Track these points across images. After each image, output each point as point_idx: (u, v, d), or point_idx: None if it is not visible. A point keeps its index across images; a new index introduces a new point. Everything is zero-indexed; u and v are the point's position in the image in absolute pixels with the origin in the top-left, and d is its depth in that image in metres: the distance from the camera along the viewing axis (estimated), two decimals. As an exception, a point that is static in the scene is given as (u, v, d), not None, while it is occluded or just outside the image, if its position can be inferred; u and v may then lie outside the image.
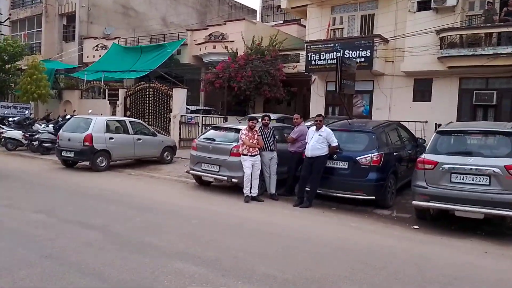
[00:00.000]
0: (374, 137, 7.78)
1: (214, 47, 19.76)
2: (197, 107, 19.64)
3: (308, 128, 8.62)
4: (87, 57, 24.69)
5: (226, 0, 36.48)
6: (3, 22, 22.79)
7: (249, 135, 8.15)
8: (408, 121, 12.89)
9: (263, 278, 4.17)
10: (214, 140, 8.90)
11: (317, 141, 7.65)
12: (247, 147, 8.10)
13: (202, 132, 14.33)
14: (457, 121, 14.53)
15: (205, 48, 20.10)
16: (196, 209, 7.23)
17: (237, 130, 8.76)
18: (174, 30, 26.10)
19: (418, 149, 9.68)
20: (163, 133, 15.77)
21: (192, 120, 16.48)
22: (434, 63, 14.47)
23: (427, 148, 6.73)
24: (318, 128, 7.79)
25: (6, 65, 19.39)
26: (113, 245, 5.03)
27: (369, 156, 7.45)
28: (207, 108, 19.99)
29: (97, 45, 24.34)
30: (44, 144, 13.98)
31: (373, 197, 7.44)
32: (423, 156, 6.62)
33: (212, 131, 9.45)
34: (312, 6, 18.01)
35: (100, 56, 23.41)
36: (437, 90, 15.24)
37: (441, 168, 6.29)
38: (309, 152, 7.71)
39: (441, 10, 14.49)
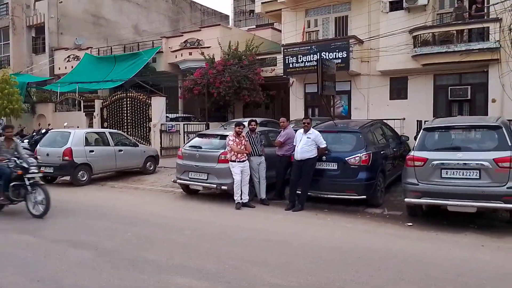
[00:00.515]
0: (361, 137, 7.82)
1: (190, 53, 19.57)
2: (176, 115, 19.36)
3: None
4: (59, 68, 24.01)
5: (198, 6, 36.29)
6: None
7: (237, 141, 8.05)
8: (386, 119, 13.05)
9: None
10: (200, 147, 8.75)
11: (305, 143, 7.63)
12: (235, 153, 8.00)
13: (184, 140, 14.15)
14: (433, 117, 14.89)
15: (181, 55, 19.87)
16: (187, 220, 7.07)
17: (223, 137, 8.65)
18: (147, 38, 25.71)
19: (402, 146, 9.85)
20: (144, 142, 15.45)
21: (173, 128, 16.22)
22: (409, 61, 14.74)
23: (415, 145, 6.79)
24: (306, 131, 7.77)
25: (-26, 80, 18.60)
26: (107, 264, 4.82)
27: (358, 156, 7.48)
28: (186, 115, 19.74)
29: (68, 56, 23.72)
30: (19, 161, 13.40)
31: (364, 197, 7.47)
32: (412, 153, 6.69)
33: (197, 138, 9.30)
34: (287, 9, 18.08)
35: (72, 67, 22.79)
36: (413, 87, 15.52)
37: (431, 165, 6.37)
38: (298, 155, 7.67)
39: (413, 9, 14.79)
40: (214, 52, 18.65)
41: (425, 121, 12.17)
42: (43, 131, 14.95)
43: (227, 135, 8.42)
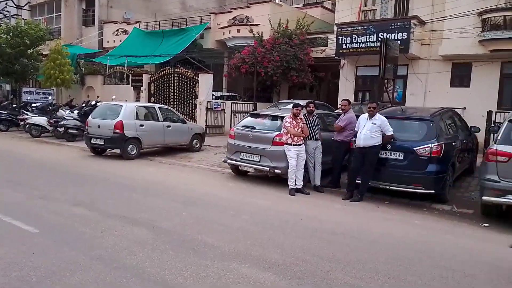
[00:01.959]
0: (433, 126, 7.14)
1: (238, 30, 19.08)
2: (221, 93, 19.08)
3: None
4: (107, 42, 24.27)
5: (246, -17, 35.46)
6: (23, 7, 22.40)
7: (294, 123, 7.60)
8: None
9: None
10: (254, 128, 8.36)
11: (370, 129, 7.06)
12: (292, 136, 7.57)
13: (231, 119, 13.84)
14: (497, 108, 13.77)
15: (229, 32, 19.43)
16: (241, 203, 6.75)
17: (279, 118, 8.22)
18: (194, 14, 25.44)
19: (471, 138, 9.06)
20: (189, 119, 15.30)
21: (219, 106, 15.95)
22: (475, 46, 13.62)
23: (498, 139, 6.07)
24: (371, 116, 7.18)
25: (28, 50, 19.01)
26: (166, 245, 4.58)
27: (428, 147, 6.83)
28: (230, 94, 19.42)
29: (117, 30, 23.86)
30: (70, 131, 13.65)
31: (433, 191, 6.85)
32: (494, 147, 5.99)
33: (250, 118, 8.90)
34: (343, -14, 17.15)
35: (120, 41, 22.94)
36: (477, 75, 14.39)
37: (517, 161, 5.68)
38: (361, 141, 7.11)
39: (484, -11, 13.55)
40: (263, 30, 18.08)
41: (489, 112, 11.29)
42: (93, 103, 15.08)
43: (283, 116, 7.99)
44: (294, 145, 7.57)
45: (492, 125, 9.18)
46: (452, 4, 13.86)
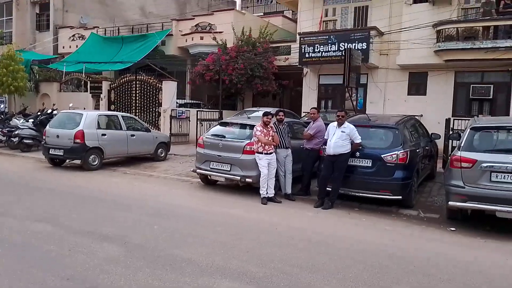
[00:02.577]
0: (398, 133, 7.36)
1: (201, 38, 18.94)
2: (184, 101, 18.80)
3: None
4: (63, 47, 23.29)
5: (206, -10, 35.37)
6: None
7: (264, 132, 7.58)
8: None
9: (329, 298, 3.66)
10: (223, 136, 8.26)
11: (339, 138, 7.17)
12: (263, 145, 7.54)
13: (196, 127, 13.64)
14: (452, 115, 14.49)
15: (192, 39, 19.24)
16: (213, 214, 6.62)
17: (249, 126, 8.19)
18: (154, 20, 25.00)
19: (431, 145, 9.43)
20: (153, 128, 14.93)
21: (183, 114, 15.70)
22: (430, 56, 14.28)
23: (461, 145, 6.33)
24: (340, 124, 7.30)
25: (-23, 56, 17.90)
26: (140, 261, 4.38)
27: (395, 154, 7.03)
28: (194, 102, 19.18)
29: (73, 35, 22.98)
30: (25, 141, 12.92)
31: (400, 197, 7.05)
32: (458, 153, 6.25)
33: (219, 127, 8.80)
34: (305, -3, 17.48)
35: (77, 46, 22.08)
36: (433, 83, 15.09)
37: (479, 167, 5.95)
38: (331, 149, 7.21)
39: (438, 2, 14.31)
40: (226, 38, 18.05)
41: (447, 119, 11.81)
42: (49, 111, 14.38)
43: (253, 125, 7.96)
44: (265, 153, 7.54)
45: (451, 132, 9.59)
46: (409, 17, 14.50)
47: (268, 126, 7.65)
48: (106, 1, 26.08)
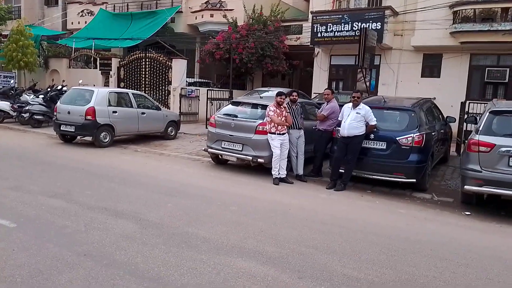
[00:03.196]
0: (414, 116, 7.23)
1: (211, 15, 18.64)
2: (193, 80, 18.65)
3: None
4: (72, 23, 23.14)
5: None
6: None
7: (277, 112, 7.48)
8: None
9: (346, 280, 3.64)
10: (236, 116, 8.17)
11: (354, 119, 7.06)
12: (275, 125, 7.46)
13: (207, 106, 13.55)
14: (466, 99, 14.24)
15: (202, 17, 18.95)
16: (226, 193, 6.60)
17: (261, 106, 8.09)
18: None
19: (446, 128, 9.29)
20: (162, 106, 14.86)
21: (193, 93, 15.58)
22: (446, 38, 13.97)
23: (479, 129, 6.20)
24: (355, 105, 7.18)
25: (-13, 30, 17.82)
26: (156, 238, 4.38)
27: (410, 136, 6.92)
28: (203, 80, 19.02)
29: (82, 11, 22.77)
30: (35, 117, 12.93)
31: (414, 180, 6.97)
32: (476, 137, 6.12)
33: (231, 106, 8.71)
34: (318, -26, 17.02)
35: (86, 22, 21.92)
36: (447, 66, 14.80)
37: (498, 151, 5.85)
38: (345, 131, 7.11)
39: (456, -18, 13.85)
40: (237, 16, 17.74)
41: (463, 103, 11.59)
42: (59, 87, 14.34)
43: (265, 105, 7.87)
44: (277, 134, 7.47)
45: (467, 115, 9.41)
46: (426, -5, 14.09)
47: (281, 106, 7.55)
48: (115, -24, 25.66)
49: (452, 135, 10.29)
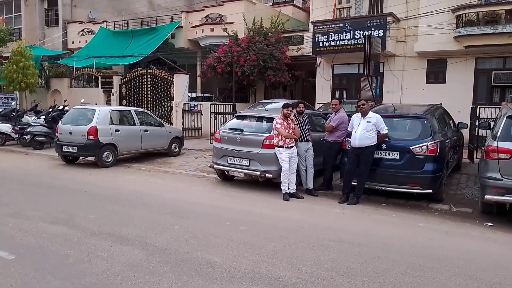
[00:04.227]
0: (427, 123, 6.96)
1: (212, 29, 18.54)
2: (195, 94, 18.49)
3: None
4: (72, 42, 23.13)
5: (214, -19, 34.82)
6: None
7: (285, 125, 7.24)
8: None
9: (372, 307, 3.34)
10: (241, 130, 7.94)
11: (365, 129, 6.79)
12: (283, 138, 7.20)
13: (210, 121, 13.34)
14: (472, 103, 13.97)
15: (202, 31, 18.86)
16: (235, 211, 6.32)
17: (268, 119, 7.85)
18: (162, 13, 24.64)
19: (458, 135, 9.00)
20: (165, 122, 14.67)
21: (195, 108, 15.40)
22: (450, 42, 13.80)
23: (497, 135, 5.93)
24: (364, 114, 6.92)
25: (-13, 52, 17.79)
26: (164, 267, 4.10)
27: (424, 145, 6.64)
28: (206, 95, 18.86)
29: (82, 30, 22.78)
30: (37, 138, 12.75)
31: (431, 191, 6.67)
32: (495, 144, 5.84)
33: (236, 120, 8.48)
34: (317, -16, 16.96)
35: (86, 41, 21.91)
36: (452, 71, 14.59)
37: (520, 158, 5.56)
38: (357, 141, 6.84)
39: (457, -15, 13.71)
40: (237, 29, 17.64)
41: (473, 108, 11.29)
42: (60, 107, 14.20)
43: (271, 118, 7.64)
44: (286, 147, 7.21)
45: (480, 121, 9.12)
46: (427, 1, 13.97)
47: (288, 118, 7.31)
48: (114, -6, 25.79)
49: (463, 141, 9.99)
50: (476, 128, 9.71)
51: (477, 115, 10.17)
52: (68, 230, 5.20)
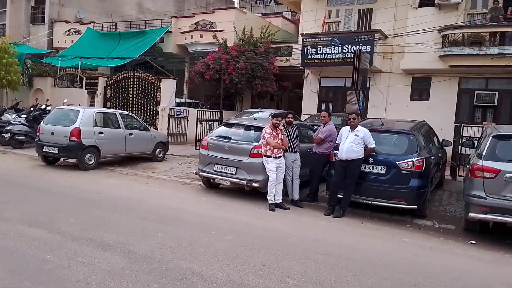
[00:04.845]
0: (413, 139, 7.04)
1: (201, 36, 18.53)
2: (182, 100, 18.35)
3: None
4: (58, 42, 22.75)
5: (204, -11, 34.92)
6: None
7: (273, 134, 7.21)
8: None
9: (360, 322, 3.30)
10: (229, 138, 7.87)
11: (353, 142, 6.81)
12: (271, 148, 7.17)
13: (196, 127, 13.22)
14: (455, 121, 14.27)
15: (192, 37, 18.81)
16: (220, 220, 6.22)
17: (256, 128, 7.82)
18: (151, 17, 24.51)
19: (442, 152, 9.13)
20: (150, 127, 14.47)
21: (182, 113, 15.26)
22: (435, 61, 14.12)
23: (483, 154, 6.02)
24: (353, 128, 6.96)
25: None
26: (147, 276, 3.97)
27: (410, 161, 6.70)
28: (192, 101, 18.74)
29: (69, 30, 22.44)
30: (17, 137, 12.40)
31: (415, 206, 6.72)
32: (480, 162, 5.93)
33: (224, 128, 8.41)
34: (308, -3, 17.17)
35: (72, 41, 21.58)
36: (436, 89, 14.91)
37: (504, 177, 5.65)
38: (344, 154, 6.85)
39: (444, 6, 14.12)
40: (227, 37, 17.67)
41: (457, 126, 11.50)
42: (43, 106, 13.88)
43: (260, 127, 7.62)
44: (274, 157, 7.17)
45: (464, 139, 9.28)
46: (414, 21, 14.30)
47: (277, 128, 7.29)
48: (103, -5, 25.53)
49: (446, 158, 10.15)
50: (460, 146, 9.87)
51: (461, 133, 10.35)
52: (48, 234, 5.02)
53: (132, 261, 4.31)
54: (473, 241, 5.87)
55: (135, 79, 15.76)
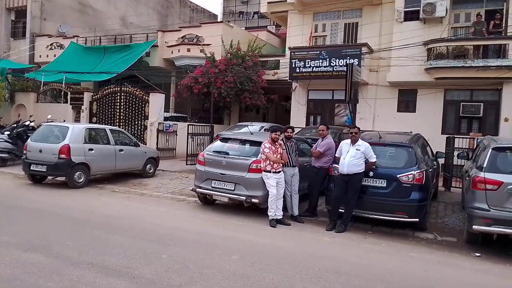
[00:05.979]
0: (412, 152, 7.06)
1: (188, 50, 18.44)
2: (169, 114, 18.12)
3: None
4: (40, 56, 22.29)
5: (188, 3, 35.06)
6: None
7: (273, 149, 7.12)
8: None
9: None
10: (227, 153, 7.74)
11: (354, 156, 6.78)
12: (271, 163, 7.07)
13: (187, 142, 13.02)
14: (441, 133, 14.51)
15: (178, 51, 18.70)
16: (222, 238, 6.05)
17: (252, 142, 7.72)
18: (134, 31, 24.35)
19: (436, 164, 9.21)
20: (139, 142, 14.19)
21: (170, 128, 15.05)
22: (421, 74, 14.36)
23: (484, 166, 6.06)
24: (354, 142, 6.93)
25: None
26: (158, 301, 3.79)
27: (411, 174, 6.70)
28: (179, 115, 18.54)
29: (51, 44, 22.02)
30: (0, 155, 11.94)
31: (417, 220, 6.70)
32: (481, 174, 5.97)
33: (220, 143, 8.27)
34: (294, 12, 17.37)
35: (55, 56, 21.18)
36: (422, 101, 15.15)
37: (506, 189, 5.69)
38: (345, 168, 6.81)
39: (429, 20, 14.41)
40: (214, 50, 17.65)
41: (449, 137, 11.63)
42: (26, 123, 13.47)
43: (257, 141, 7.53)
44: (273, 172, 7.07)
45: (459, 151, 9.37)
46: (400, 35, 14.57)
47: (276, 143, 7.21)
48: (86, 9, 25.26)
49: (439, 169, 10.25)
50: (454, 157, 9.97)
51: (452, 145, 10.48)
52: (46, 259, 4.76)
53: (139, 286, 4.11)
54: (477, 254, 5.86)
55: (122, 94, 15.49)
